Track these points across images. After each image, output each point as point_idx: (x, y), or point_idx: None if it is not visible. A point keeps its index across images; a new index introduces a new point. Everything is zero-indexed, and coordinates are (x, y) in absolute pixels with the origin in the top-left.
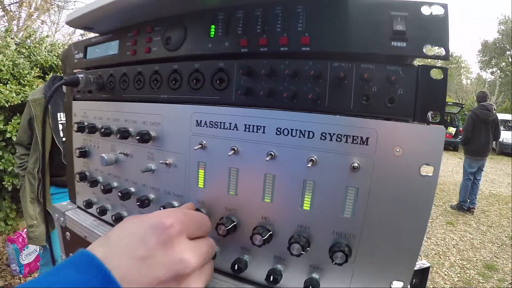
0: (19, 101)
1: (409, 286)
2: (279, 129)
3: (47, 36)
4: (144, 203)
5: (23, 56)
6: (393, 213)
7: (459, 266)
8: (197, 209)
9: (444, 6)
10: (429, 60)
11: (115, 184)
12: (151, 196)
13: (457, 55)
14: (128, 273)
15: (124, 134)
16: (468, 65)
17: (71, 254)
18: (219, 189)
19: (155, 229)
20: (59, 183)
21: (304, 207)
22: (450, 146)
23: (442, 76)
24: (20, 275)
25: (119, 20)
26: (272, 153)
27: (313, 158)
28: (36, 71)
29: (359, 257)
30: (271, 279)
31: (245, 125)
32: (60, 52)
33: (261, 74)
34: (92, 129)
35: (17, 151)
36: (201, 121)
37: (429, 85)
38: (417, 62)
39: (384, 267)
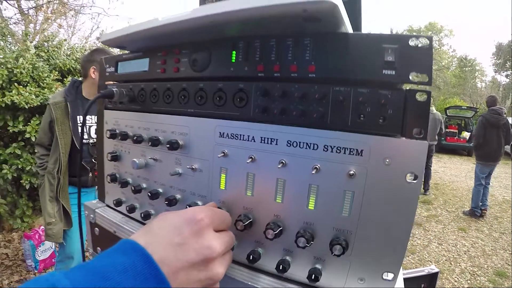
0: (39, 103)
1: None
2: (289, 142)
3: (65, 40)
4: (172, 202)
5: (42, 59)
6: (383, 213)
7: (469, 272)
8: (218, 207)
9: (429, 38)
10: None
11: (144, 185)
12: (178, 196)
13: (471, 58)
14: (166, 257)
15: (155, 142)
16: (483, 68)
17: (98, 248)
18: (238, 190)
19: (189, 222)
20: (77, 183)
21: (309, 207)
22: (464, 151)
23: (426, 98)
24: (35, 271)
25: (150, 42)
26: (283, 162)
27: (317, 166)
28: (55, 74)
29: (355, 250)
30: (281, 268)
31: (261, 137)
32: (78, 56)
33: (275, 95)
34: (124, 136)
35: (37, 151)
36: (223, 133)
37: (415, 106)
38: (404, 86)
39: (376, 259)
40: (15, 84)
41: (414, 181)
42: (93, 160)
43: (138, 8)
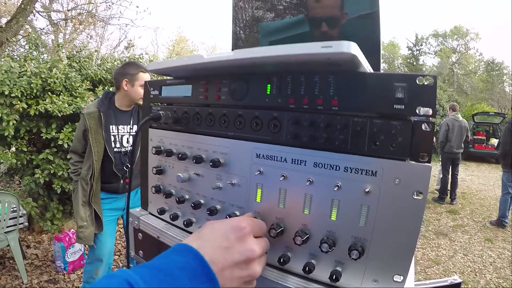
0: (71, 112)
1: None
2: (315, 163)
3: (96, 50)
4: (213, 212)
5: (74, 69)
6: (394, 224)
7: (494, 284)
8: (254, 217)
9: (434, 77)
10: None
11: (187, 196)
12: (218, 207)
13: (498, 61)
14: (215, 257)
15: (198, 160)
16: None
17: (140, 251)
18: (271, 203)
19: (235, 229)
20: (109, 190)
21: (331, 218)
22: (492, 159)
23: (430, 128)
24: (64, 272)
25: (194, 73)
26: (310, 180)
27: (339, 184)
28: (87, 84)
29: (370, 255)
30: (307, 270)
31: (292, 159)
32: (109, 67)
33: (303, 124)
34: (169, 153)
35: (71, 158)
36: (260, 154)
37: (421, 135)
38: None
39: (388, 263)
40: (49, 93)
41: (420, 198)
42: (124, 168)
43: (164, 18)
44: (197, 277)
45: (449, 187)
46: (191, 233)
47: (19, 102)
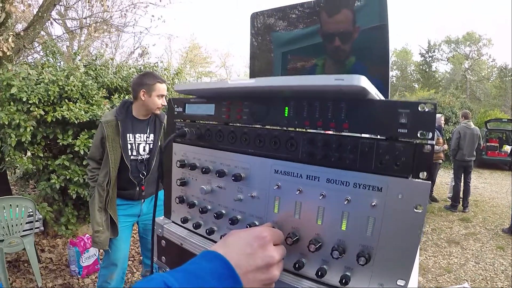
0: (88, 119)
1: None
2: (328, 179)
3: (111, 58)
4: (234, 222)
5: (91, 77)
6: (397, 234)
7: None
8: (272, 227)
9: (434, 104)
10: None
11: (209, 207)
12: (239, 217)
13: None
14: (240, 262)
15: (221, 174)
16: None
17: (163, 257)
18: (288, 214)
19: (257, 238)
20: (124, 196)
21: (342, 228)
22: (505, 166)
23: (430, 150)
24: (79, 276)
25: (217, 94)
26: (323, 194)
27: (348, 198)
28: (103, 92)
29: (375, 262)
30: (319, 274)
31: (307, 175)
32: (124, 75)
33: (318, 144)
34: (193, 167)
35: (89, 164)
36: (278, 170)
37: (421, 156)
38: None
39: (392, 269)
40: (66, 100)
41: (420, 211)
42: (140, 175)
43: (178, 25)
44: (224, 279)
45: (461, 195)
46: (213, 240)
47: (36, 108)
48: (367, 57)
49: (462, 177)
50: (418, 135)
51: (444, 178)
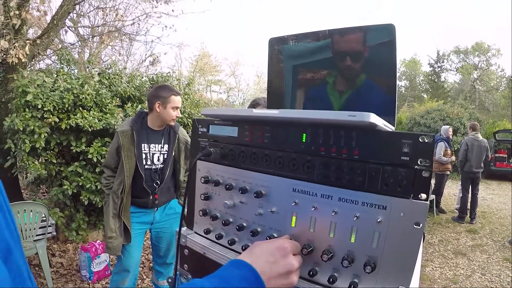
0: (101, 127)
1: None
2: (340, 198)
3: (124, 67)
4: (255, 234)
5: (104, 86)
6: (398, 246)
7: None
8: (290, 239)
9: (432, 136)
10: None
11: (231, 220)
12: (259, 229)
13: None
14: (264, 270)
15: (244, 190)
16: None
17: (185, 265)
18: (304, 228)
19: (279, 248)
20: (138, 204)
21: (351, 240)
22: None
23: (428, 175)
24: (89, 281)
25: (241, 119)
26: (335, 211)
27: (357, 215)
28: (117, 101)
29: (380, 270)
30: (331, 281)
31: (321, 194)
32: (137, 84)
33: (331, 168)
34: (217, 183)
35: (104, 172)
36: (295, 189)
37: (420, 180)
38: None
39: (394, 276)
40: (80, 108)
41: (418, 227)
42: (154, 184)
43: (188, 33)
44: (251, 284)
45: (469, 206)
46: (234, 250)
47: (51, 115)
48: (376, 73)
49: (470, 189)
50: (418, 162)
51: (452, 189)
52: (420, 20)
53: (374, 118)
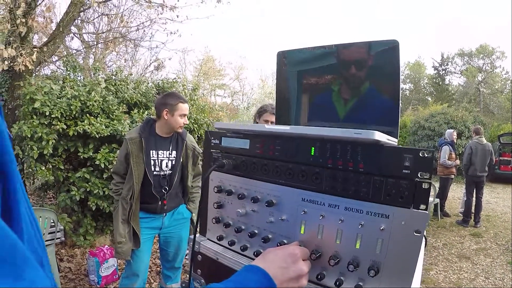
0: (108, 133)
1: None
2: (346, 207)
3: (130, 74)
4: (266, 240)
5: (111, 92)
6: (400, 252)
7: None
8: (299, 245)
9: (431, 151)
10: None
11: (243, 227)
12: (270, 236)
13: None
14: (277, 274)
15: (255, 200)
16: None
17: (198, 270)
18: (312, 235)
19: (290, 255)
20: (147, 210)
21: (356, 247)
22: None
23: (428, 186)
24: (98, 285)
25: (253, 132)
26: (341, 219)
27: (362, 223)
28: (123, 107)
29: (383, 274)
30: (337, 284)
31: (329, 203)
32: (144, 90)
33: (338, 179)
34: (229, 193)
35: (113, 179)
36: (304, 198)
37: (420, 191)
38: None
39: (396, 279)
40: (87, 115)
41: (418, 235)
42: (162, 190)
43: (192, 38)
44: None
45: (473, 210)
46: (246, 256)
47: (58, 122)
48: (379, 81)
49: (474, 192)
50: (418, 175)
51: (457, 192)
52: (424, 23)
53: (378, 136)
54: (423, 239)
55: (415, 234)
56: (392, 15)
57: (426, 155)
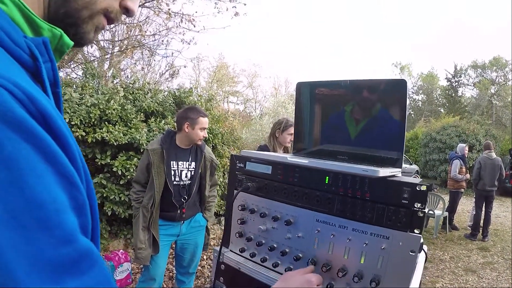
0: (126, 141)
1: None
2: (353, 229)
3: (148, 82)
4: (284, 254)
5: (129, 101)
6: (397, 268)
7: None
8: (313, 264)
9: (428, 186)
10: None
11: (264, 241)
12: (287, 250)
13: None
14: None
15: (276, 218)
16: None
17: (221, 277)
18: (324, 250)
19: (307, 281)
20: (166, 218)
21: (361, 262)
22: None
23: (423, 215)
24: None
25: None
26: (349, 238)
27: (366, 242)
28: (141, 116)
29: (383, 286)
30: None
31: (339, 225)
32: (161, 99)
33: (348, 205)
34: (252, 211)
35: (134, 187)
36: (318, 219)
37: (416, 218)
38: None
39: None
40: (106, 122)
41: (413, 254)
42: (182, 199)
43: (206, 45)
44: None
45: (481, 224)
46: (265, 267)
47: (78, 129)
48: (388, 112)
49: (483, 206)
50: (415, 205)
51: (466, 205)
52: (438, 34)
53: (382, 173)
54: (424, 255)
55: (410, 253)
56: (397, 17)
57: (422, 189)
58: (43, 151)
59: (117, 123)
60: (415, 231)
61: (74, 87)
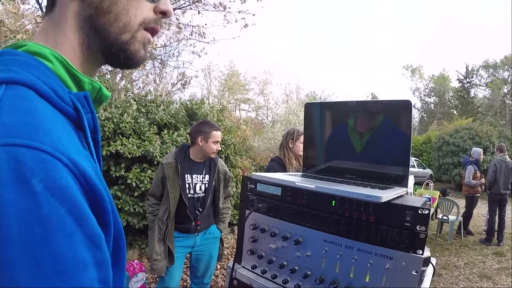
0: (140, 154)
1: None
2: (359, 249)
3: (160, 95)
4: (293, 271)
5: (142, 114)
6: (400, 286)
7: None
8: (321, 281)
9: (428, 209)
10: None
11: (274, 259)
12: (296, 267)
13: None
14: None
15: (285, 238)
16: None
17: None
18: (331, 268)
19: None
20: (181, 230)
21: (366, 280)
22: None
23: (424, 236)
24: None
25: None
26: (355, 258)
27: (371, 262)
28: (154, 129)
29: None
30: None
31: (345, 245)
32: (173, 112)
33: (353, 226)
34: (263, 230)
35: (150, 200)
36: (326, 239)
37: (418, 240)
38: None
39: None
40: (119, 136)
41: (415, 273)
42: (196, 211)
43: (217, 53)
44: None
45: (496, 228)
46: (276, 283)
47: None
48: (393, 123)
49: (497, 210)
50: (417, 227)
51: (481, 209)
52: (449, 34)
53: (385, 198)
54: (432, 268)
55: (413, 273)
56: (405, 19)
57: (423, 213)
58: (75, 214)
59: (130, 136)
60: (417, 251)
61: None
